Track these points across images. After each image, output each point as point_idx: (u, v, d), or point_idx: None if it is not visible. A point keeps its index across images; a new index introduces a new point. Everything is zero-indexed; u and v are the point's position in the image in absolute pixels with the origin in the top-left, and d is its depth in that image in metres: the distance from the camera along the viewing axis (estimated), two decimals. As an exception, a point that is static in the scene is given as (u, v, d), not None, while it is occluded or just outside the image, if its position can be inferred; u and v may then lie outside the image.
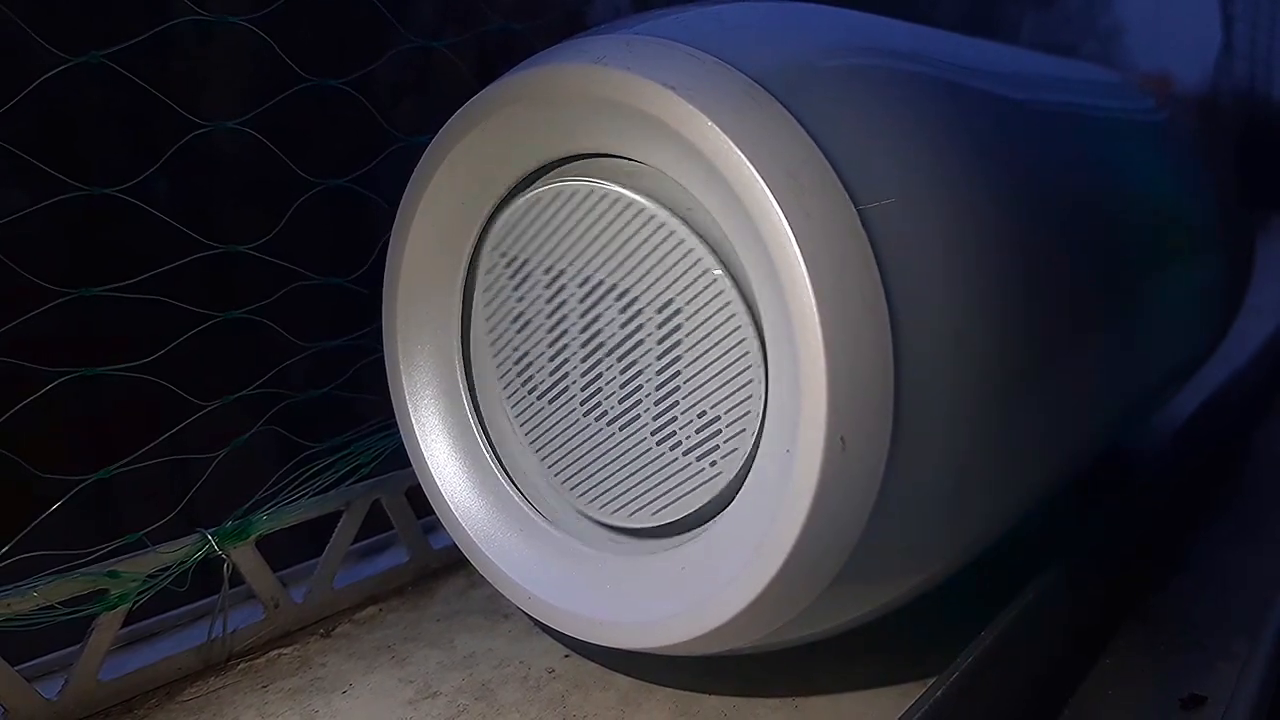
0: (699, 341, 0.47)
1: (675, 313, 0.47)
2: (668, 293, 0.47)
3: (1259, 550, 0.74)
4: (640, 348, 0.49)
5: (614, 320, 0.50)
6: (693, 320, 0.47)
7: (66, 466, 0.54)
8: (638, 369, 0.49)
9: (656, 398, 0.49)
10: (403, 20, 0.71)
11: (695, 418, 0.48)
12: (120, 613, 0.54)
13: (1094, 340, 0.58)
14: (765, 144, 0.42)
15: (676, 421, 0.48)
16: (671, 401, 0.48)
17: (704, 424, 0.48)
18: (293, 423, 0.64)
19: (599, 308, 0.50)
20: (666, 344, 0.48)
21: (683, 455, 0.49)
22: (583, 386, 0.52)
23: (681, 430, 0.48)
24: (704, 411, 0.47)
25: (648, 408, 0.49)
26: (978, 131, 0.52)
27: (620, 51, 0.46)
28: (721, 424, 0.47)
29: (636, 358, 0.49)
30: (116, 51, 0.55)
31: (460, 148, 0.52)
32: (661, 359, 0.48)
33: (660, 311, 0.48)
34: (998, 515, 0.55)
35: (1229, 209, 0.88)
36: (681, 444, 0.49)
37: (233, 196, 0.87)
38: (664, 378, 0.48)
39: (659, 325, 0.48)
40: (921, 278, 0.43)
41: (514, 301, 0.54)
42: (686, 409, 0.48)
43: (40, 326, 0.53)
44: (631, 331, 0.49)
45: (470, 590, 0.67)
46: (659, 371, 0.48)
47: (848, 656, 0.57)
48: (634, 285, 0.48)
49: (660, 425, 0.49)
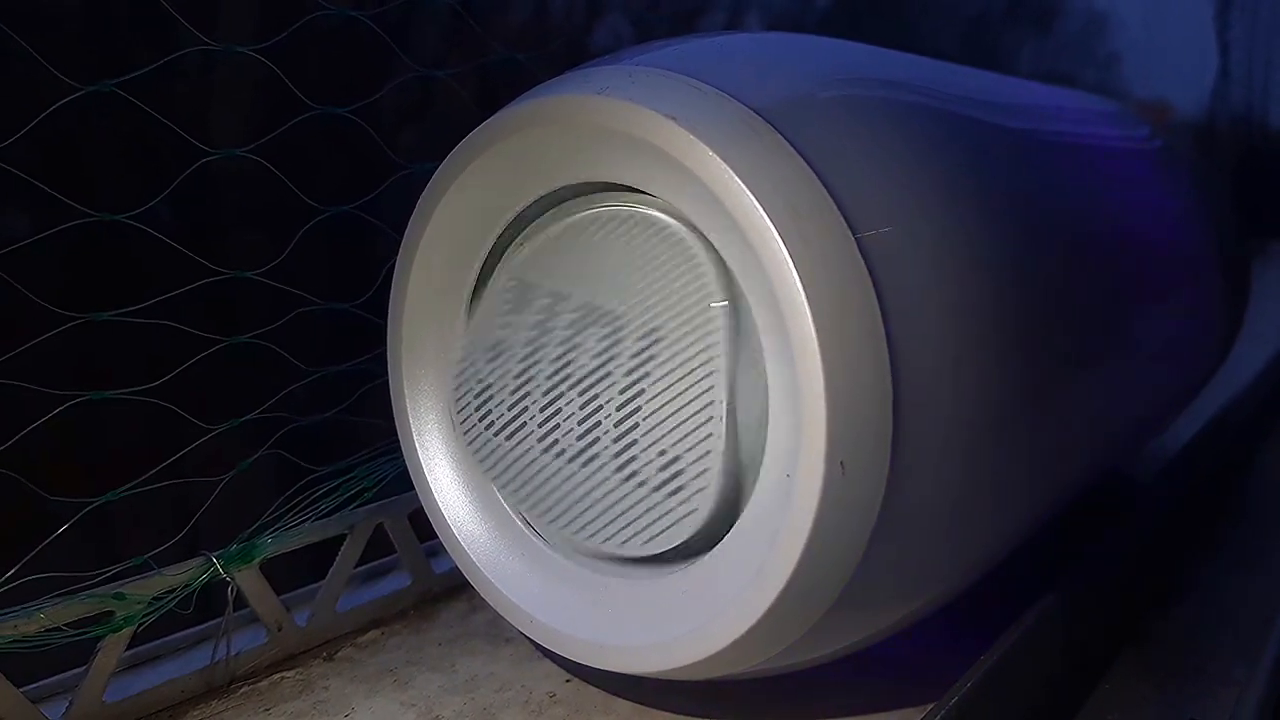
0: (667, 375, 0.47)
1: (655, 342, 0.47)
2: (657, 318, 0.48)
3: (1258, 575, 0.74)
4: (606, 380, 0.49)
5: (590, 349, 0.49)
6: (670, 349, 0.47)
7: (72, 490, 0.55)
8: (598, 404, 0.49)
9: (615, 434, 0.48)
10: (407, 50, 0.72)
11: (656, 456, 0.48)
12: (125, 635, 0.55)
13: (1091, 366, 0.58)
14: (765, 173, 0.42)
15: (637, 460, 0.48)
16: (630, 439, 0.48)
17: (665, 462, 0.47)
18: (297, 447, 0.64)
19: (581, 335, 0.50)
20: (634, 375, 0.48)
21: (651, 492, 0.48)
22: (540, 422, 0.51)
23: (645, 468, 0.48)
24: (664, 450, 0.47)
25: (606, 445, 0.49)
26: (975, 161, 0.52)
27: (623, 82, 0.46)
28: (683, 463, 0.47)
29: (599, 391, 0.49)
30: (126, 80, 0.56)
31: (465, 175, 0.53)
32: (624, 393, 0.48)
33: (641, 339, 0.48)
34: (996, 539, 0.55)
35: (1226, 236, 0.89)
36: (647, 481, 0.48)
37: (239, 222, 0.88)
38: (624, 413, 0.48)
39: (633, 355, 0.48)
40: (919, 305, 0.44)
41: (496, 329, 0.54)
42: (646, 446, 0.48)
43: (46, 350, 0.53)
44: (602, 363, 0.49)
45: (472, 614, 0.67)
46: (619, 406, 0.48)
47: (849, 680, 0.57)
48: (627, 310, 0.49)
49: (622, 463, 0.49)
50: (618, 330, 0.49)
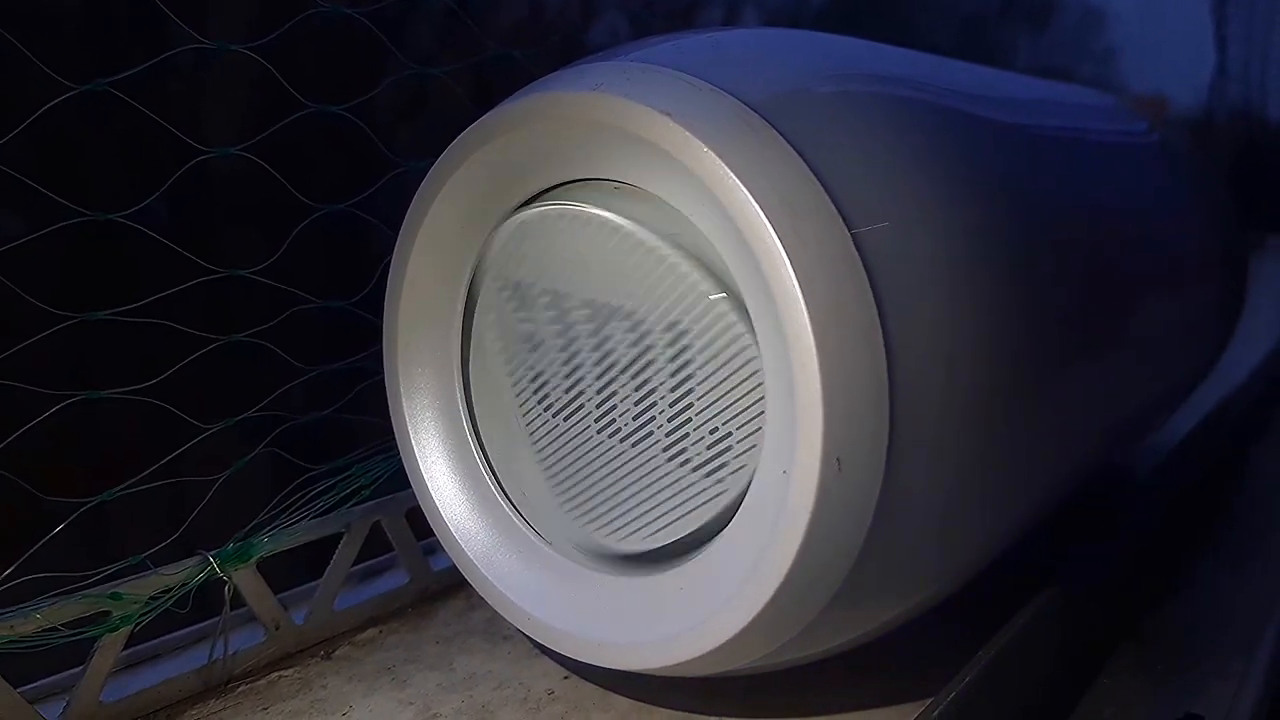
0: (709, 359, 0.47)
1: (683, 333, 0.48)
2: (673, 314, 0.48)
3: (1254, 570, 0.74)
4: (652, 366, 0.49)
5: (623, 340, 0.50)
6: (701, 339, 0.47)
7: (68, 489, 0.55)
8: (651, 386, 0.50)
9: (670, 414, 0.49)
10: (402, 47, 0.71)
11: (707, 434, 0.48)
12: (122, 635, 0.55)
13: (1087, 362, 0.58)
14: (760, 169, 0.42)
15: (689, 438, 0.49)
16: (685, 418, 0.49)
17: (715, 440, 0.48)
18: (293, 445, 0.64)
19: (608, 328, 0.50)
20: (678, 361, 0.48)
21: (691, 472, 0.49)
22: (598, 404, 0.52)
23: (693, 447, 0.49)
24: (716, 428, 0.48)
25: (661, 424, 0.50)
26: (971, 156, 0.52)
27: (618, 78, 0.46)
28: (733, 440, 0.47)
29: (649, 375, 0.49)
30: (120, 79, 0.55)
31: (460, 173, 0.53)
32: (675, 375, 0.49)
33: (668, 331, 0.48)
34: (992, 536, 0.55)
35: (1223, 230, 0.89)
36: (691, 460, 0.49)
37: (234, 221, 0.88)
38: (678, 394, 0.49)
39: (668, 344, 0.48)
40: (915, 301, 0.44)
41: (522, 322, 0.54)
42: (699, 425, 0.48)
43: (40, 350, 0.53)
44: (642, 350, 0.49)
45: (470, 612, 0.67)
46: (672, 389, 0.49)
47: (846, 677, 0.57)
48: (639, 308, 0.49)
49: (672, 441, 0.49)
50: (639, 323, 0.49)
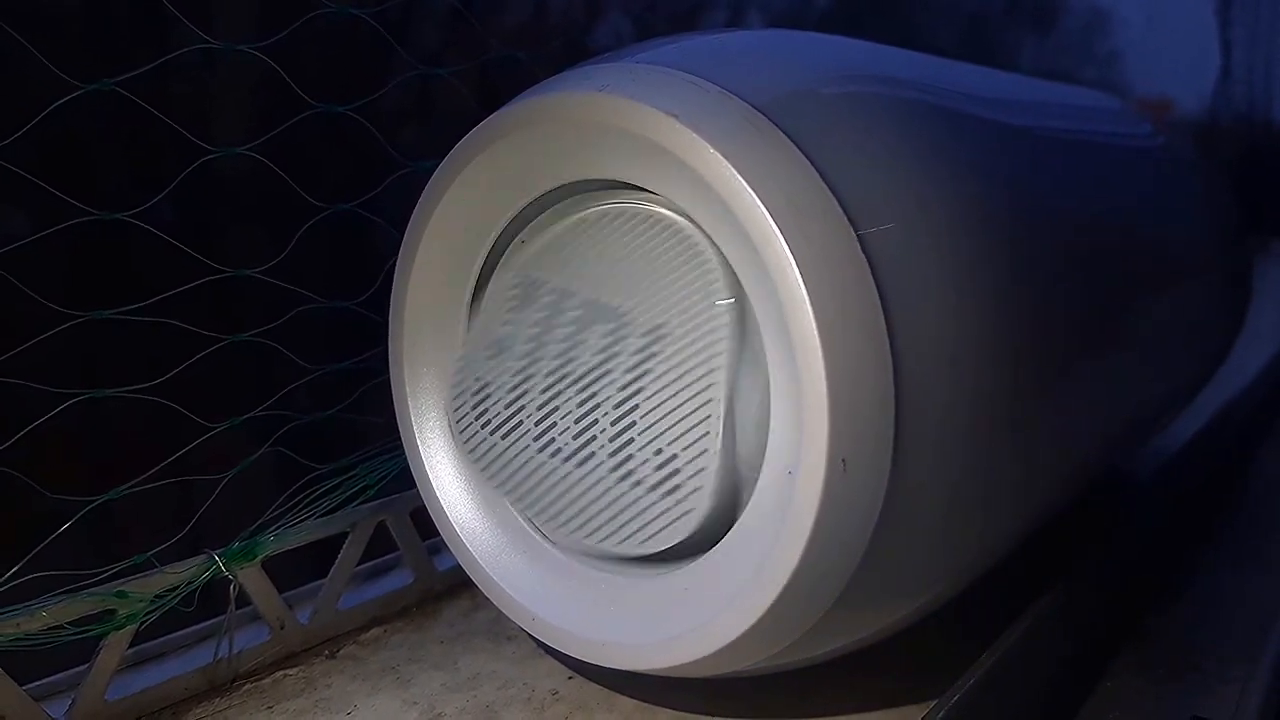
0: (667, 373, 0.47)
1: (658, 339, 0.48)
2: (662, 315, 0.48)
3: (1258, 573, 0.74)
4: (606, 378, 0.49)
5: (591, 346, 0.50)
6: (673, 346, 0.47)
7: (75, 488, 0.55)
8: (595, 402, 0.49)
9: (611, 433, 0.49)
10: (408, 47, 0.72)
11: (652, 455, 0.48)
12: (128, 633, 0.55)
13: (1092, 364, 0.58)
14: (766, 170, 0.42)
15: (633, 459, 0.48)
16: (627, 438, 0.48)
17: (661, 461, 0.47)
18: (299, 445, 0.65)
19: (584, 333, 0.50)
20: (634, 373, 0.48)
21: (648, 491, 0.48)
22: (537, 420, 0.51)
23: (640, 468, 0.48)
24: (660, 449, 0.47)
25: (602, 444, 0.49)
26: (976, 157, 0.52)
27: (624, 79, 0.46)
28: (679, 461, 0.47)
29: (597, 390, 0.49)
30: (127, 78, 0.56)
31: (466, 173, 0.53)
32: (623, 390, 0.48)
33: (644, 336, 0.48)
34: (998, 537, 0.56)
35: (1227, 233, 0.89)
36: (643, 481, 0.48)
37: (240, 221, 0.88)
38: (621, 411, 0.48)
39: (634, 352, 0.48)
40: (920, 302, 0.44)
41: (499, 326, 0.54)
42: (643, 445, 0.48)
43: (47, 349, 0.53)
44: (603, 360, 0.49)
45: (474, 612, 0.67)
46: (616, 405, 0.48)
47: (850, 679, 0.57)
48: (632, 306, 0.49)
49: (618, 462, 0.49)
50: (621, 327, 0.49)
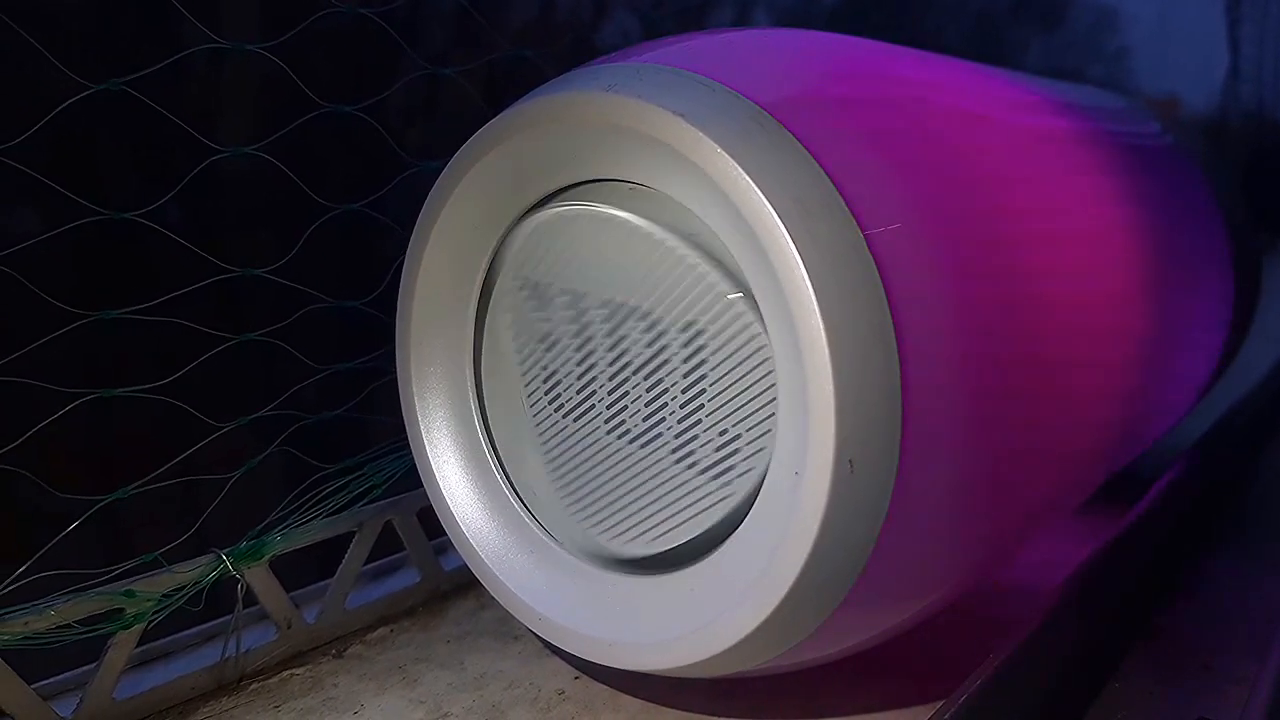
0: (724, 360, 0.47)
1: (699, 333, 0.48)
2: (690, 314, 0.48)
3: (1267, 573, 0.74)
4: (666, 366, 0.49)
5: (639, 340, 0.50)
6: (716, 339, 0.47)
7: (82, 487, 0.55)
8: (663, 387, 0.50)
9: (680, 415, 0.49)
10: (415, 47, 0.72)
11: (716, 436, 0.48)
12: (135, 632, 0.55)
13: (1100, 363, 0.58)
14: (773, 170, 0.42)
15: (697, 440, 0.49)
16: (695, 420, 0.49)
17: (724, 443, 0.48)
18: (306, 444, 0.65)
19: (623, 328, 0.51)
20: (692, 362, 0.48)
21: (698, 475, 0.49)
22: (609, 404, 0.52)
23: (701, 449, 0.49)
24: (725, 430, 0.48)
25: (670, 425, 0.50)
26: (983, 156, 0.52)
27: (631, 79, 0.46)
28: (741, 442, 0.47)
29: (662, 376, 0.50)
30: (135, 79, 0.56)
31: (474, 173, 0.53)
32: (688, 377, 0.49)
33: (684, 331, 0.48)
34: (1004, 538, 0.55)
35: (1235, 232, 0.89)
36: (699, 463, 0.49)
37: (247, 220, 0.88)
38: (689, 395, 0.49)
39: (684, 344, 0.49)
40: (927, 301, 0.44)
41: (539, 322, 0.54)
42: (709, 427, 0.48)
43: (55, 348, 0.54)
44: (657, 351, 0.50)
45: (481, 611, 0.68)
46: (684, 390, 0.49)
47: (856, 679, 0.57)
48: (656, 308, 0.49)
49: (681, 444, 0.49)
50: (656, 323, 0.49)
